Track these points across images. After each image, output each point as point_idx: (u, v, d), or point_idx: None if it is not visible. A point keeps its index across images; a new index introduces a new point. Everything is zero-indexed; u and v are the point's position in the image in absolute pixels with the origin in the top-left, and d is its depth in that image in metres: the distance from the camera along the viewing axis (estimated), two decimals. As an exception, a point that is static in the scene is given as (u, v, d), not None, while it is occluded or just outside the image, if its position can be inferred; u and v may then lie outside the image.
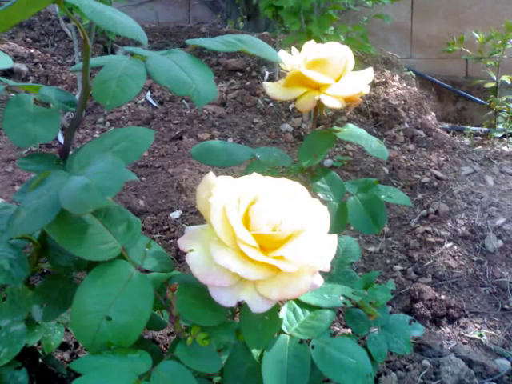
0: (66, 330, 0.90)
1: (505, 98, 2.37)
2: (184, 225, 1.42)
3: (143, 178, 1.65)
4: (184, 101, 2.12)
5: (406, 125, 2.05)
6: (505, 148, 2.18)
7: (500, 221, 1.44)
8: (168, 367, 0.54)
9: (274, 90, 0.83)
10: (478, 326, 1.14)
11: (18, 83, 0.74)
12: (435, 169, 1.77)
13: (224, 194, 0.58)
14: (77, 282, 0.69)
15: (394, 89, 2.21)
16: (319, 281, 0.60)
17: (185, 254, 0.57)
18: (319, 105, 0.83)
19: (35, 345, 0.75)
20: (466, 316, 1.17)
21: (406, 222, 1.52)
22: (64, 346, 0.99)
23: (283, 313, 0.65)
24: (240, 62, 2.32)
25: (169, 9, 3.57)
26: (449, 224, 1.48)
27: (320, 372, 0.60)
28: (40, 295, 0.67)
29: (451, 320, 1.16)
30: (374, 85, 2.18)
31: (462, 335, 1.12)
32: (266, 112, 2.05)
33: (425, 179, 1.70)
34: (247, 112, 2.05)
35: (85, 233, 0.57)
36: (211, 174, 0.61)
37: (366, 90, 0.83)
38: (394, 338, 0.77)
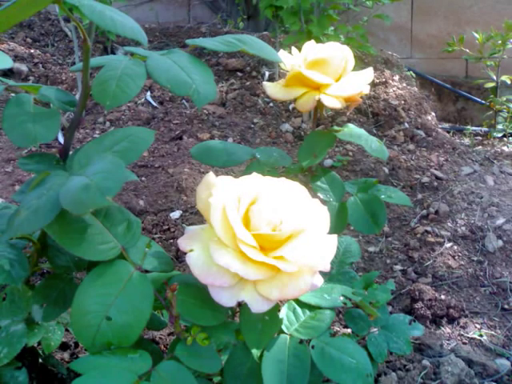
0: (66, 330, 0.90)
1: (505, 98, 2.37)
2: (184, 225, 1.42)
3: (143, 178, 1.65)
4: (184, 101, 2.12)
5: (406, 125, 2.05)
6: (505, 148, 2.18)
7: (500, 221, 1.44)
8: (168, 367, 0.54)
9: (274, 90, 0.83)
10: (478, 326, 1.14)
11: (17, 83, 0.74)
12: (435, 169, 1.77)
13: (224, 194, 0.58)
14: (77, 282, 0.69)
15: (394, 89, 2.21)
16: (319, 281, 0.60)
17: (185, 253, 0.57)
18: (319, 105, 0.83)
19: (35, 345, 0.74)
20: (466, 316, 1.17)
21: (406, 222, 1.52)
22: (64, 346, 0.99)
23: (283, 313, 0.65)
24: (240, 62, 2.32)
25: (169, 9, 3.57)
26: (449, 224, 1.48)
27: (320, 372, 0.60)
28: (40, 295, 0.66)
29: (451, 320, 1.15)
30: (374, 85, 2.18)
31: (462, 335, 1.12)
32: (266, 112, 2.05)
33: (425, 179, 1.70)
34: (247, 112, 2.04)
35: (85, 233, 0.57)
36: (211, 174, 0.61)
37: (366, 90, 0.83)
38: (394, 338, 0.77)
